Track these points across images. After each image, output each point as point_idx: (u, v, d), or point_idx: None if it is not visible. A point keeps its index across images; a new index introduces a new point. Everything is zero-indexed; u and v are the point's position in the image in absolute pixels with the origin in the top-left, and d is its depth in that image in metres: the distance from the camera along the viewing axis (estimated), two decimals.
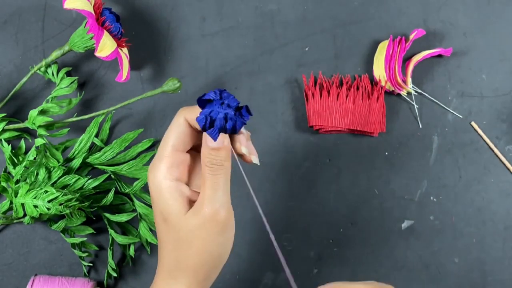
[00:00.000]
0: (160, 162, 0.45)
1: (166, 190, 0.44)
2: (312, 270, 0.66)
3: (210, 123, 0.43)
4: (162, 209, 0.44)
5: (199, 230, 0.43)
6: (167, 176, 0.44)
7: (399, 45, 0.68)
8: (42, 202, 0.58)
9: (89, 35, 0.60)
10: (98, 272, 0.65)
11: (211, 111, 0.43)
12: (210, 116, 0.43)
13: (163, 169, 0.44)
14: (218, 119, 0.43)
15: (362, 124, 0.67)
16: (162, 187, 0.44)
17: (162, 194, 0.44)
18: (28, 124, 0.60)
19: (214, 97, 0.44)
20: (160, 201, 0.44)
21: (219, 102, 0.44)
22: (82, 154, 0.63)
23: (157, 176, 0.44)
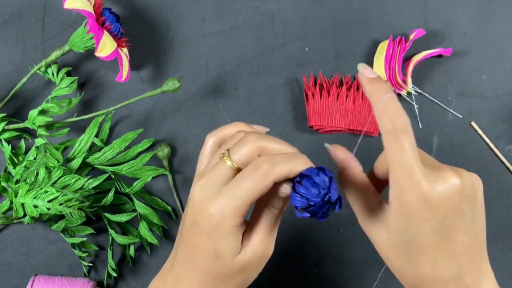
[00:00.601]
0: (232, 211, 0.40)
1: (230, 234, 0.41)
2: (312, 270, 0.66)
3: (306, 207, 0.40)
4: (219, 248, 0.42)
5: (248, 266, 0.43)
6: (235, 221, 0.41)
7: (399, 45, 0.68)
8: (42, 202, 0.58)
9: (89, 35, 0.60)
10: (98, 272, 0.65)
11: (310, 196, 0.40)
12: (309, 204, 0.40)
13: (234, 219, 0.41)
14: (314, 209, 0.40)
15: (362, 124, 0.67)
16: (225, 229, 0.41)
17: (224, 236, 0.41)
18: (28, 124, 0.60)
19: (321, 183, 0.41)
20: (218, 240, 0.41)
21: (323, 192, 0.41)
22: (82, 154, 0.63)
23: (224, 223, 0.41)
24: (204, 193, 0.42)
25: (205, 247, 0.42)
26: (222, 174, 0.42)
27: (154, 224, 0.64)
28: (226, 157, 0.42)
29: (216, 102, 0.68)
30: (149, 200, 0.65)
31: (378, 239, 0.46)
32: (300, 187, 0.40)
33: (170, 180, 0.66)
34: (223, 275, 0.43)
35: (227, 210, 0.40)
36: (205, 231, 0.42)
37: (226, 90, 0.68)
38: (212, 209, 0.41)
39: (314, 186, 0.40)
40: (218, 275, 0.43)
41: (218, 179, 0.42)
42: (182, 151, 0.67)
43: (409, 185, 0.40)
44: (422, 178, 0.40)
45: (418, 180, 0.40)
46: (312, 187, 0.40)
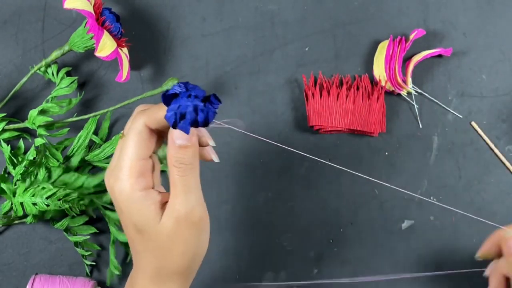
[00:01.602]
0: (123, 173, 0.42)
1: (137, 202, 0.42)
2: (312, 270, 0.66)
3: (180, 118, 0.41)
4: (135, 221, 0.42)
5: (176, 234, 0.42)
6: (135, 186, 0.42)
7: (399, 45, 0.68)
8: (40, 199, 0.58)
9: (89, 35, 0.60)
10: (100, 272, 0.65)
11: (179, 106, 0.41)
12: (180, 111, 0.41)
13: (130, 180, 0.42)
14: (189, 112, 0.41)
15: (362, 124, 0.67)
16: (132, 199, 0.42)
17: (134, 206, 0.42)
18: (28, 124, 0.60)
19: (180, 90, 0.41)
20: (131, 213, 0.42)
21: (185, 95, 0.41)
22: (81, 151, 0.63)
23: (124, 188, 0.42)
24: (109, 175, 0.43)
25: (128, 226, 0.43)
26: (117, 152, 0.44)
27: None
28: (120, 134, 0.45)
29: None
30: None
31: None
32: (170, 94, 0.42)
33: None
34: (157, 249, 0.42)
35: (122, 177, 0.42)
36: (119, 210, 0.43)
37: (226, 90, 0.68)
38: (109, 182, 0.43)
39: (174, 96, 0.42)
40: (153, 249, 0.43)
41: (116, 157, 0.44)
42: None
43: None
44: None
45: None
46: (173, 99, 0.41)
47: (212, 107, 0.42)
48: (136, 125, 0.43)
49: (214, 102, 0.42)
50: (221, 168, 0.67)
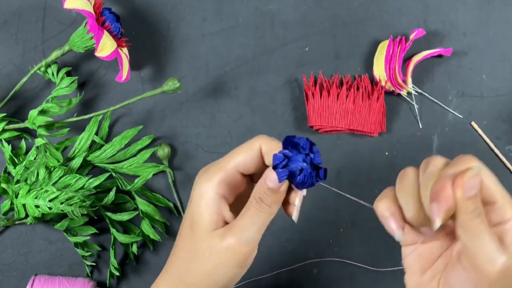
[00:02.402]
0: (215, 172, 0.43)
1: (206, 200, 0.43)
2: (312, 270, 0.66)
3: (284, 165, 0.41)
4: (194, 216, 0.43)
5: (218, 254, 0.42)
6: (215, 188, 0.43)
7: (399, 45, 0.68)
8: (43, 201, 0.58)
9: (89, 35, 0.60)
10: (100, 272, 0.65)
11: (291, 157, 0.41)
12: (289, 160, 0.41)
13: (215, 180, 0.43)
14: (296, 168, 0.41)
15: (362, 124, 0.67)
16: (204, 195, 0.43)
17: (201, 203, 0.43)
18: (28, 124, 0.60)
19: (304, 145, 0.41)
20: (196, 207, 0.43)
21: (304, 152, 0.41)
22: (83, 153, 0.63)
23: (205, 183, 0.43)
24: (202, 173, 0.44)
25: (186, 218, 0.44)
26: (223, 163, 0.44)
27: (156, 221, 0.64)
28: None
29: (216, 102, 0.68)
30: (150, 197, 0.65)
31: None
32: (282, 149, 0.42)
33: (170, 180, 0.66)
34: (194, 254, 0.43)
35: (212, 171, 0.43)
36: (190, 200, 0.44)
37: (226, 90, 0.68)
38: (201, 179, 0.43)
39: (295, 146, 0.41)
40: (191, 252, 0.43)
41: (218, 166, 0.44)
42: (182, 151, 0.67)
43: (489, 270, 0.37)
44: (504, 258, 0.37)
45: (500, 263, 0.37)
46: (292, 148, 0.41)
47: (316, 179, 0.42)
48: (252, 142, 0.43)
49: (321, 176, 0.42)
50: None
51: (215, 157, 0.67)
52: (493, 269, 0.37)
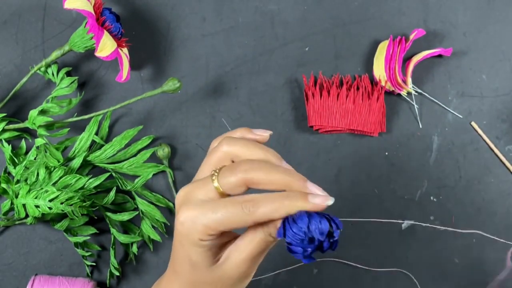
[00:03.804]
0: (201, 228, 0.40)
1: (198, 245, 0.41)
2: (312, 270, 0.66)
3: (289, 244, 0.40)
4: (191, 257, 0.42)
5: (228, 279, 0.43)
6: (203, 237, 0.41)
7: (399, 45, 0.68)
8: (43, 201, 0.58)
9: (89, 35, 0.60)
10: (100, 272, 0.65)
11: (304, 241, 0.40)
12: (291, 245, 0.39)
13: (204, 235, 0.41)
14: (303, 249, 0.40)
15: (362, 124, 0.67)
16: (194, 241, 0.41)
17: (193, 247, 0.42)
18: (28, 124, 0.60)
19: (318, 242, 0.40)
20: (189, 249, 0.42)
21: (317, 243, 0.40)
22: (83, 153, 0.63)
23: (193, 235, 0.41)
24: (183, 200, 0.42)
25: (182, 254, 0.43)
26: (206, 190, 0.42)
27: (156, 221, 0.64)
28: (215, 176, 0.42)
29: (216, 102, 0.68)
30: (150, 197, 0.65)
31: None
32: (288, 228, 0.39)
33: (170, 180, 0.66)
34: (202, 282, 0.43)
35: (198, 225, 0.40)
36: (178, 239, 0.42)
37: (226, 90, 0.68)
38: (183, 218, 0.41)
39: (301, 230, 0.39)
40: (196, 282, 0.43)
41: (201, 193, 0.42)
42: (182, 151, 0.67)
43: None
44: None
45: None
46: (298, 231, 0.39)
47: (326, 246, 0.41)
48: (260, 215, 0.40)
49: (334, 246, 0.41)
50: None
51: None
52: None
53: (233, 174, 0.41)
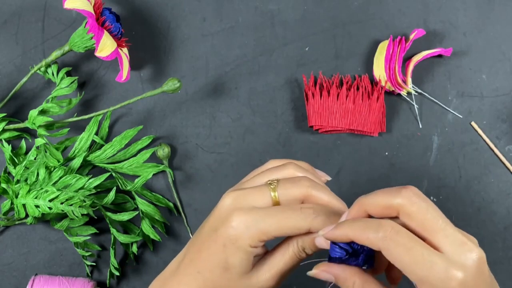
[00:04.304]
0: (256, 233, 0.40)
1: (244, 251, 0.41)
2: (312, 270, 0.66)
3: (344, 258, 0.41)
4: (229, 260, 0.41)
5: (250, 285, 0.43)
6: (254, 243, 0.41)
7: (399, 45, 0.68)
8: (43, 202, 0.58)
9: (89, 35, 0.60)
10: (100, 272, 0.65)
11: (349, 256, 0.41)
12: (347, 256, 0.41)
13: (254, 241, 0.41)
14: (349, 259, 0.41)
15: (362, 124, 0.67)
16: (242, 246, 0.41)
17: (238, 251, 0.41)
18: (28, 124, 0.60)
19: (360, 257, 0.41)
20: (232, 252, 0.41)
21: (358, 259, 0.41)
22: (83, 153, 0.63)
23: (243, 240, 0.41)
24: (235, 205, 0.41)
25: (217, 256, 0.42)
26: (261, 198, 0.42)
27: (156, 221, 0.64)
28: (272, 186, 0.42)
29: (216, 102, 0.68)
30: (150, 197, 0.65)
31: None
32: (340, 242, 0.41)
33: (170, 180, 0.66)
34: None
35: (252, 230, 0.40)
36: (222, 241, 0.41)
37: (226, 90, 0.68)
38: (237, 222, 0.41)
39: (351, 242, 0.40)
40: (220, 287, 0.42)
41: (254, 200, 0.42)
42: (182, 151, 0.67)
43: (439, 279, 0.36)
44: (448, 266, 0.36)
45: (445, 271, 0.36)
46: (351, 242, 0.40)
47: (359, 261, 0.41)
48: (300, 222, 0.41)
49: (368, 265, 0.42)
50: (221, 168, 0.67)
51: (215, 157, 0.67)
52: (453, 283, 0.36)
53: (296, 187, 0.42)
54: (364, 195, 0.41)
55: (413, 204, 0.38)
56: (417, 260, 0.36)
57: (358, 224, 0.39)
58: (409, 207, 0.38)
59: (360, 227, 0.38)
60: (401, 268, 0.37)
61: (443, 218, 0.38)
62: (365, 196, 0.41)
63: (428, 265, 0.36)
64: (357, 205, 0.41)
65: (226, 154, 0.67)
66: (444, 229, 0.37)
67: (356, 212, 0.41)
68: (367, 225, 0.38)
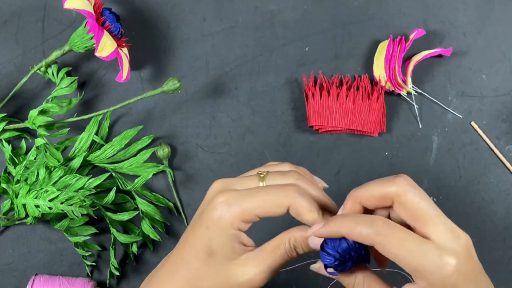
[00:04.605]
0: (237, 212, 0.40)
1: (227, 234, 0.41)
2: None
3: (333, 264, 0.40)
4: (212, 244, 0.41)
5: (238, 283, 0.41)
6: (236, 225, 0.41)
7: (399, 45, 0.68)
8: (43, 201, 0.58)
9: (89, 35, 0.60)
10: (100, 272, 0.65)
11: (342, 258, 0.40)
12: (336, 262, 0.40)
13: (236, 220, 0.41)
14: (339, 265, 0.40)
15: (362, 124, 0.67)
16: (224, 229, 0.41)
17: (222, 234, 0.41)
18: (28, 124, 0.60)
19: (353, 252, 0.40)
20: (215, 237, 0.41)
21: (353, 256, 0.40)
22: (83, 153, 0.63)
23: (226, 218, 0.40)
24: (221, 187, 0.42)
25: (201, 240, 0.41)
26: (248, 184, 0.42)
27: (156, 221, 0.64)
28: (262, 176, 0.42)
29: (216, 102, 0.68)
30: (150, 197, 0.65)
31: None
32: (327, 247, 0.40)
33: (170, 180, 0.66)
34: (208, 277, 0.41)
35: (233, 208, 0.40)
36: (205, 223, 0.41)
37: (226, 90, 0.68)
38: (219, 202, 0.41)
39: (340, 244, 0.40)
40: (203, 276, 0.41)
41: (242, 185, 0.42)
42: (182, 151, 0.67)
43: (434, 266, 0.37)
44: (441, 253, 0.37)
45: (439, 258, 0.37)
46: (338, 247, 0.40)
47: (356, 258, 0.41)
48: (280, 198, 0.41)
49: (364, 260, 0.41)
50: (221, 168, 0.67)
51: (215, 157, 0.67)
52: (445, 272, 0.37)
53: (285, 179, 0.42)
54: (356, 188, 0.41)
55: (407, 192, 0.39)
56: (411, 251, 0.37)
57: (349, 220, 0.39)
58: (404, 195, 0.39)
59: (352, 222, 0.39)
60: (396, 260, 0.38)
61: (434, 206, 0.39)
62: (358, 188, 0.41)
63: (423, 254, 0.37)
64: (351, 198, 0.41)
65: (226, 154, 0.67)
66: (436, 217, 0.38)
67: (351, 206, 0.41)
68: (359, 221, 0.39)
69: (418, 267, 0.37)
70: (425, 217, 0.38)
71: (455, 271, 0.37)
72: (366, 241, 0.38)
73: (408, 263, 0.37)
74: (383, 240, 0.37)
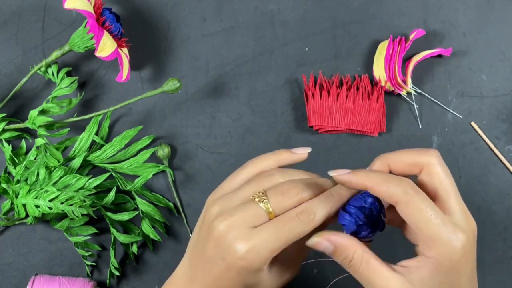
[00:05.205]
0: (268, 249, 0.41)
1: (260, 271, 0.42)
2: (312, 270, 0.66)
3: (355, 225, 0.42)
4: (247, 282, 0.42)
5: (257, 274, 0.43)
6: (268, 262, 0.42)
7: (399, 45, 0.68)
8: (43, 201, 0.58)
9: (89, 35, 0.60)
10: (100, 272, 0.65)
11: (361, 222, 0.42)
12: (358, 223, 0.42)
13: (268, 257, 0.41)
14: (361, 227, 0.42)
15: (362, 124, 0.67)
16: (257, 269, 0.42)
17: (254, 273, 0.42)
18: (28, 124, 0.60)
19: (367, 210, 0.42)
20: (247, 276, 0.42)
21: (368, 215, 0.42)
22: (83, 153, 0.63)
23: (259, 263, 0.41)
24: (233, 234, 0.41)
25: (234, 282, 0.42)
26: (256, 217, 0.42)
27: (156, 221, 0.64)
28: (263, 201, 0.42)
29: (216, 102, 0.68)
30: (150, 197, 0.65)
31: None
32: (350, 207, 0.42)
33: (170, 180, 0.66)
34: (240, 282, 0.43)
35: (262, 253, 0.41)
36: (235, 270, 0.41)
37: (226, 90, 0.68)
38: (245, 252, 0.40)
39: (362, 208, 0.42)
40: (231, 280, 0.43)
41: (250, 222, 0.41)
42: (182, 151, 0.67)
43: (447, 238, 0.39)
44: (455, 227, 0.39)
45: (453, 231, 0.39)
46: (361, 208, 0.42)
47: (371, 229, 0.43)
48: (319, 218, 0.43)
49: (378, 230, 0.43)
50: (221, 168, 0.67)
51: (215, 157, 0.67)
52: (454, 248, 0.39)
53: (289, 199, 0.42)
54: (387, 152, 0.43)
55: (437, 165, 0.41)
56: (430, 219, 0.39)
57: (378, 175, 0.41)
58: (434, 166, 0.41)
59: (380, 177, 0.40)
60: (414, 224, 0.39)
61: (456, 186, 0.41)
62: (389, 153, 0.43)
63: (441, 224, 0.39)
64: (381, 159, 0.43)
65: (226, 154, 0.67)
66: (456, 196, 0.41)
67: (379, 166, 0.43)
68: (388, 178, 0.40)
69: (433, 235, 0.39)
70: (447, 192, 0.40)
71: (463, 248, 0.39)
72: (391, 199, 0.40)
73: (424, 228, 0.39)
74: (408, 200, 0.39)
